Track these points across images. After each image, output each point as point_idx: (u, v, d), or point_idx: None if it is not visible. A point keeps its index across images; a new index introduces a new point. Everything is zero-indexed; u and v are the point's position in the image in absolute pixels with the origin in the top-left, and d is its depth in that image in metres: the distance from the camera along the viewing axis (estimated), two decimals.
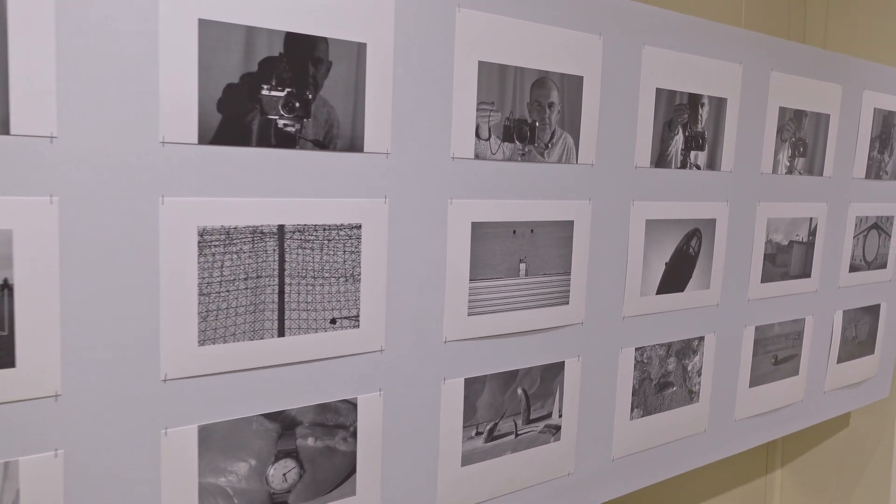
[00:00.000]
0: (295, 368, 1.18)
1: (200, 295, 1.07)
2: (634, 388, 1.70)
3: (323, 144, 1.15)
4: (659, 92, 1.61)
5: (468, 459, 1.41)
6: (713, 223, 1.79)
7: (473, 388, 1.40)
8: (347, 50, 1.16)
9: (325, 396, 1.21)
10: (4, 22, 0.90)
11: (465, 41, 1.29)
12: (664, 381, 1.76)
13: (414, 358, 1.31)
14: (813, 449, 2.94)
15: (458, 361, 1.37)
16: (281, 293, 1.15)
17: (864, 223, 2.25)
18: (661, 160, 1.64)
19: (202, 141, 1.05)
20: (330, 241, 1.18)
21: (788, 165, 1.96)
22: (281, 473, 1.17)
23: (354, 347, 1.24)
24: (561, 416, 1.56)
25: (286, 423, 1.18)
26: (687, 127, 1.68)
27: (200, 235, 1.06)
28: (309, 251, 1.17)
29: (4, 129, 0.91)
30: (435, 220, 1.30)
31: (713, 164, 1.76)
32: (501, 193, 1.38)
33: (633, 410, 1.70)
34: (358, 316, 1.23)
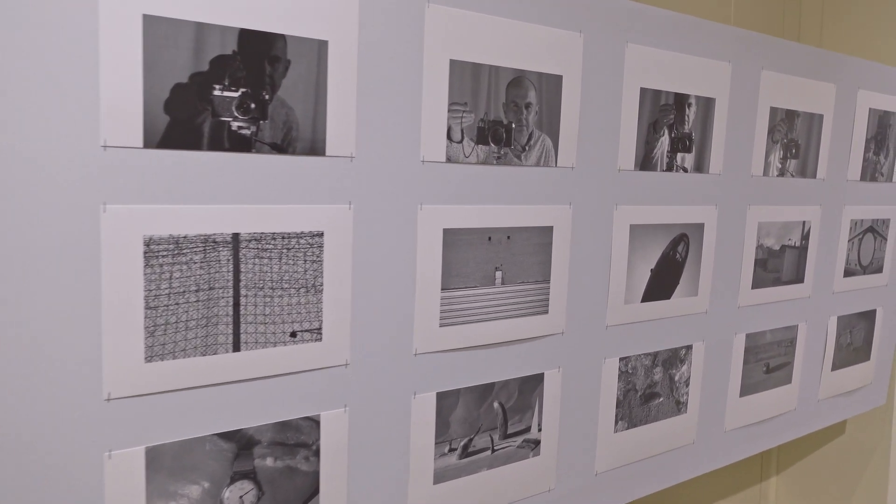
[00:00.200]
0: (252, 385, 1.11)
1: (147, 308, 1.01)
2: (619, 399, 1.63)
3: (281, 148, 1.09)
4: (643, 92, 1.54)
5: (441, 477, 1.35)
6: (701, 228, 1.72)
7: (446, 402, 1.34)
8: (307, 48, 1.09)
9: (285, 414, 1.15)
10: None
11: (435, 38, 1.23)
12: (650, 391, 1.70)
13: (381, 372, 1.25)
14: (808, 456, 2.88)
15: (429, 375, 1.31)
16: (236, 305, 1.08)
17: (859, 226, 2.18)
18: (645, 163, 1.58)
19: (148, 145, 0.98)
20: (289, 249, 1.12)
21: (780, 167, 1.89)
22: (237, 496, 1.11)
23: (317, 362, 1.17)
24: (540, 430, 1.49)
25: (243, 442, 1.11)
26: (673, 128, 1.62)
27: (146, 245, 1.00)
28: (266, 261, 1.10)
29: None
30: (404, 226, 1.24)
31: (701, 166, 1.69)
32: (475, 198, 1.32)
33: (617, 423, 1.64)
34: (320, 328, 1.17)
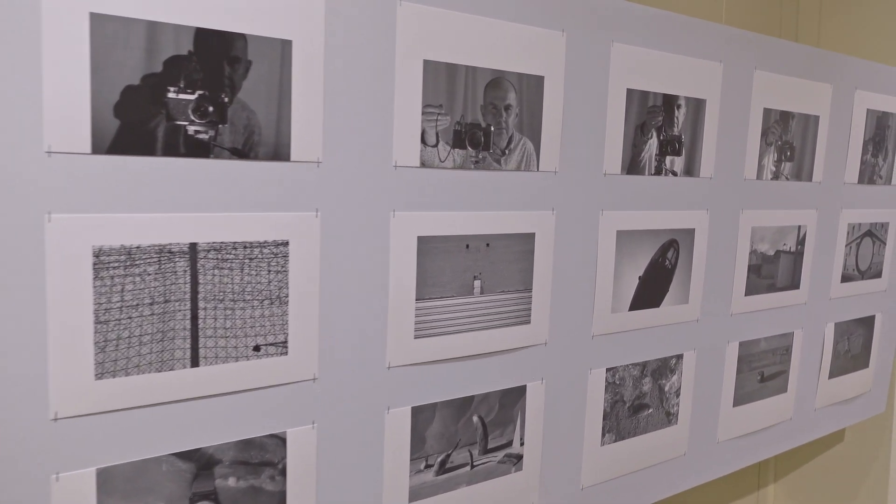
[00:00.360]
0: (212, 401, 1.06)
1: (97, 323, 0.95)
2: (606, 411, 1.58)
3: (242, 153, 1.04)
4: (630, 93, 1.49)
5: (416, 494, 1.29)
6: (692, 233, 1.67)
7: (422, 416, 1.28)
8: (269, 48, 1.04)
9: (248, 431, 1.10)
10: None
11: (407, 38, 1.17)
12: (639, 402, 1.64)
13: (352, 386, 1.19)
14: (807, 464, 2.82)
15: (403, 388, 1.25)
16: (194, 319, 1.03)
17: (856, 230, 2.12)
18: (633, 166, 1.52)
19: (97, 150, 0.93)
20: (252, 259, 1.07)
21: (774, 171, 1.83)
22: None
23: (282, 376, 1.12)
24: (523, 444, 1.44)
25: (202, 462, 1.06)
26: (662, 130, 1.56)
27: (96, 256, 0.94)
28: (227, 271, 1.05)
29: None
30: (375, 234, 1.18)
31: (691, 170, 1.64)
32: (452, 204, 1.26)
33: (604, 435, 1.58)
34: (286, 342, 1.11)
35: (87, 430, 0.96)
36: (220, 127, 1.01)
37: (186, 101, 0.98)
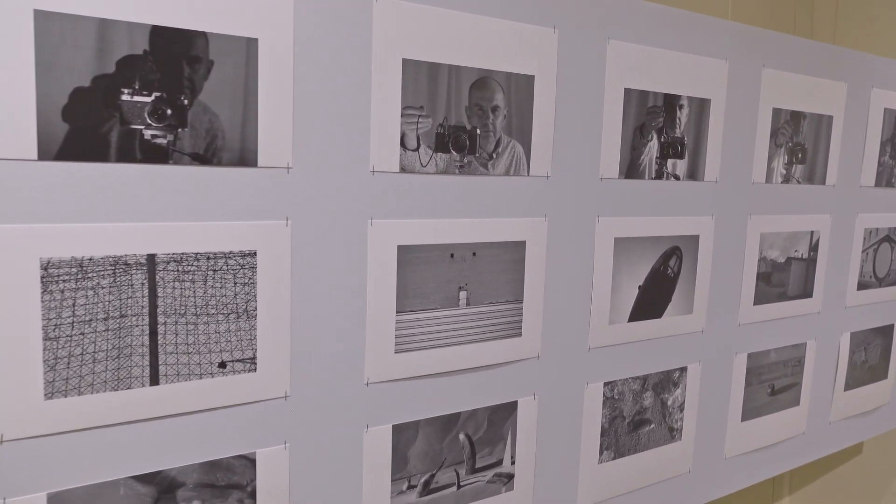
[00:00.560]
0: (174, 421, 1.00)
1: (46, 339, 0.90)
2: (604, 427, 1.50)
3: (204, 158, 0.98)
4: (628, 93, 1.41)
5: None
6: (696, 240, 1.58)
7: (404, 435, 1.22)
8: (233, 46, 0.98)
9: (213, 452, 1.04)
10: None
11: (385, 35, 1.11)
12: (640, 418, 1.56)
13: (328, 404, 1.13)
14: (823, 476, 2.72)
15: (383, 406, 1.19)
16: (153, 334, 0.97)
17: (874, 236, 2.02)
18: (631, 170, 1.44)
19: (44, 157, 0.87)
20: (216, 271, 1.01)
21: (785, 174, 1.75)
22: None
23: (251, 394, 1.06)
24: (514, 462, 1.36)
25: (164, 485, 1.00)
26: (663, 132, 1.48)
27: (44, 269, 0.89)
28: (189, 284, 0.99)
29: None
30: (351, 244, 1.12)
31: (695, 173, 1.55)
32: (435, 212, 1.20)
33: (602, 452, 1.51)
34: (254, 358, 1.05)
35: (36, 452, 0.91)
36: (179, 131, 0.95)
37: (142, 103, 0.92)
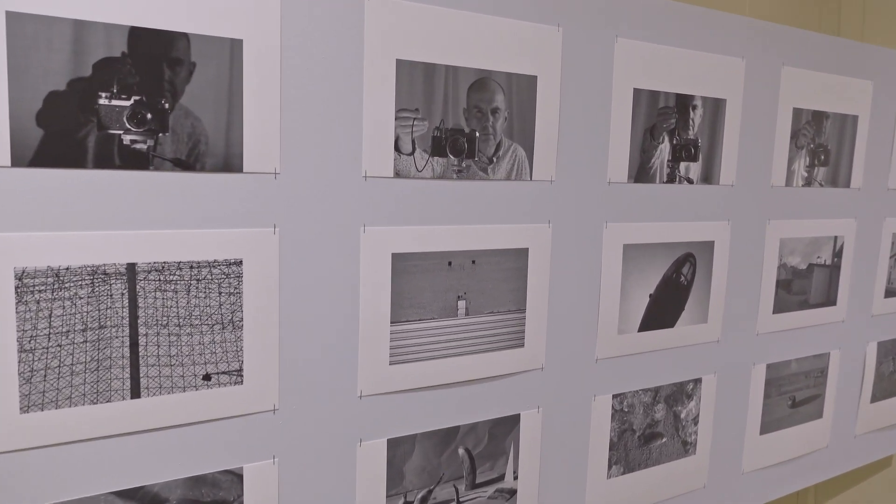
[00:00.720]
0: (156, 435, 0.97)
1: (22, 351, 0.87)
2: (612, 441, 1.44)
3: (187, 164, 0.94)
4: (637, 93, 1.35)
5: None
6: (710, 246, 1.52)
7: (399, 449, 1.17)
8: (216, 48, 0.94)
9: (198, 467, 1.00)
10: None
11: (377, 35, 1.06)
12: (651, 431, 1.50)
13: (319, 417, 1.09)
14: (850, 489, 2.62)
15: (377, 419, 1.15)
16: (134, 346, 0.94)
17: None
18: (641, 174, 1.39)
19: (17, 163, 0.84)
20: (199, 280, 0.97)
21: (806, 176, 1.67)
22: None
23: (237, 407, 1.02)
24: (516, 477, 1.31)
25: (146, 501, 0.97)
26: (675, 134, 1.42)
27: (19, 279, 0.86)
28: (171, 294, 0.96)
29: None
30: (343, 252, 1.08)
31: (710, 177, 1.49)
32: (431, 218, 1.15)
33: (610, 467, 1.45)
34: (241, 370, 1.02)
35: (12, 467, 0.88)
36: (160, 136, 0.92)
37: (120, 107, 0.89)
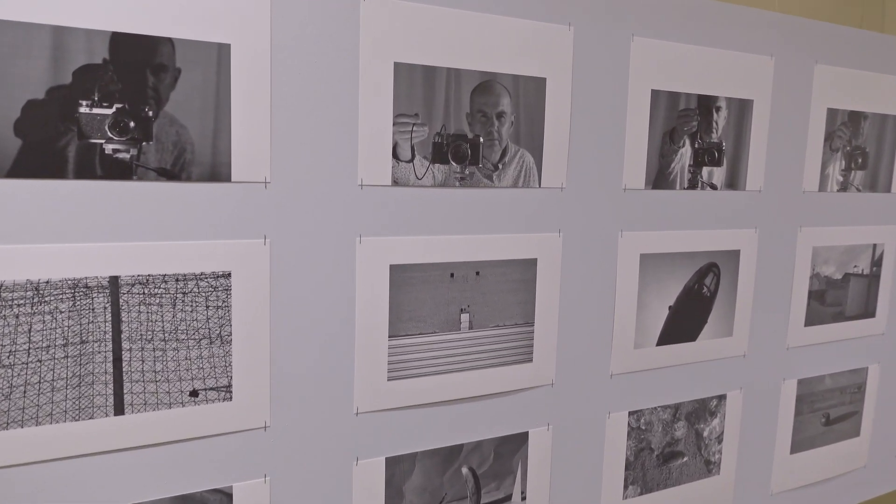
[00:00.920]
0: (141, 453, 0.94)
1: (0, 367, 0.85)
2: (629, 460, 1.37)
3: (172, 174, 0.91)
4: (655, 94, 1.28)
5: None
6: (736, 255, 1.44)
7: (399, 468, 1.13)
8: (202, 53, 0.91)
9: (185, 486, 0.97)
10: None
11: (373, 37, 1.02)
12: (671, 450, 1.43)
13: (312, 435, 1.05)
14: None
15: (374, 437, 1.10)
16: (117, 361, 0.91)
17: None
18: (660, 180, 1.31)
19: None
20: (186, 294, 0.94)
21: (842, 181, 1.57)
22: None
23: (226, 424, 0.99)
24: (525, 498, 1.26)
25: None
26: (696, 137, 1.34)
27: None
28: (156, 308, 0.93)
29: None
30: (337, 263, 1.04)
31: (735, 182, 1.41)
32: (432, 228, 1.10)
33: (627, 487, 1.38)
34: (229, 386, 0.98)
35: None
36: (143, 145, 0.89)
37: (102, 115, 0.86)
